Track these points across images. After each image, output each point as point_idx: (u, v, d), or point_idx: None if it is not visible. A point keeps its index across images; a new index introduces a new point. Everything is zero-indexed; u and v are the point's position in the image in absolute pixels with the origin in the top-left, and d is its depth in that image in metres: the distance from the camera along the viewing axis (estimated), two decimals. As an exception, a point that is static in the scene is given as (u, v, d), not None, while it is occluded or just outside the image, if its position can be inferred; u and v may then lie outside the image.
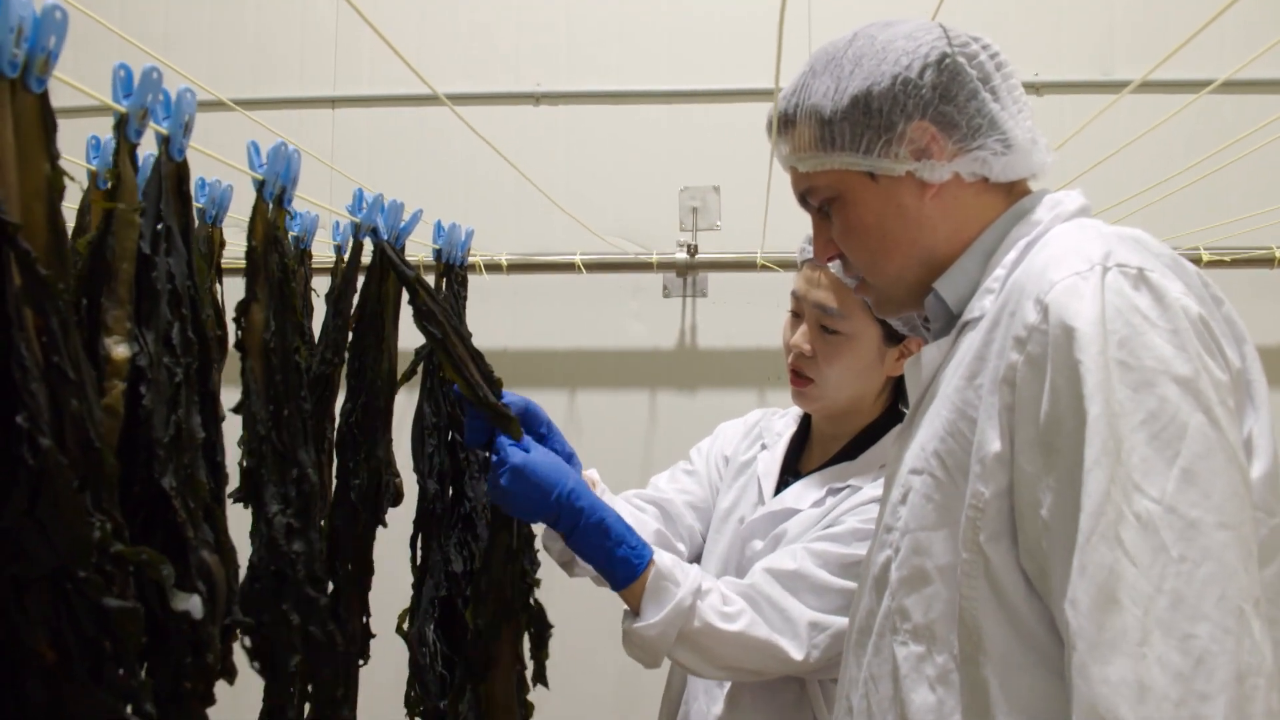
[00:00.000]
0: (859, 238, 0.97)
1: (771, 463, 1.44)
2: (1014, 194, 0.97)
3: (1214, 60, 2.30)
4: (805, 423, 1.47)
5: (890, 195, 0.94)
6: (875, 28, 0.96)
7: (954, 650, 0.86)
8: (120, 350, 0.73)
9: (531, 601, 1.26)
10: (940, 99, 0.92)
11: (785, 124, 0.99)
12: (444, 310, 1.16)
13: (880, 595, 0.94)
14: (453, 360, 1.16)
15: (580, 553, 1.20)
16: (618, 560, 1.17)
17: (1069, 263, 0.81)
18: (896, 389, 1.39)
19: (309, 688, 1.05)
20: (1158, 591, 0.71)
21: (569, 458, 1.27)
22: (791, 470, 1.44)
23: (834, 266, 1.29)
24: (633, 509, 1.44)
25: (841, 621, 1.18)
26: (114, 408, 0.72)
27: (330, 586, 1.12)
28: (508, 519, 1.21)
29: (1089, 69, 2.65)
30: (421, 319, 1.15)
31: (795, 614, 1.20)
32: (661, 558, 1.20)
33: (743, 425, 1.55)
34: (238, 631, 0.94)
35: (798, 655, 1.19)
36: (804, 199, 1.02)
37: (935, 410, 0.91)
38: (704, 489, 1.53)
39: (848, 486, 1.33)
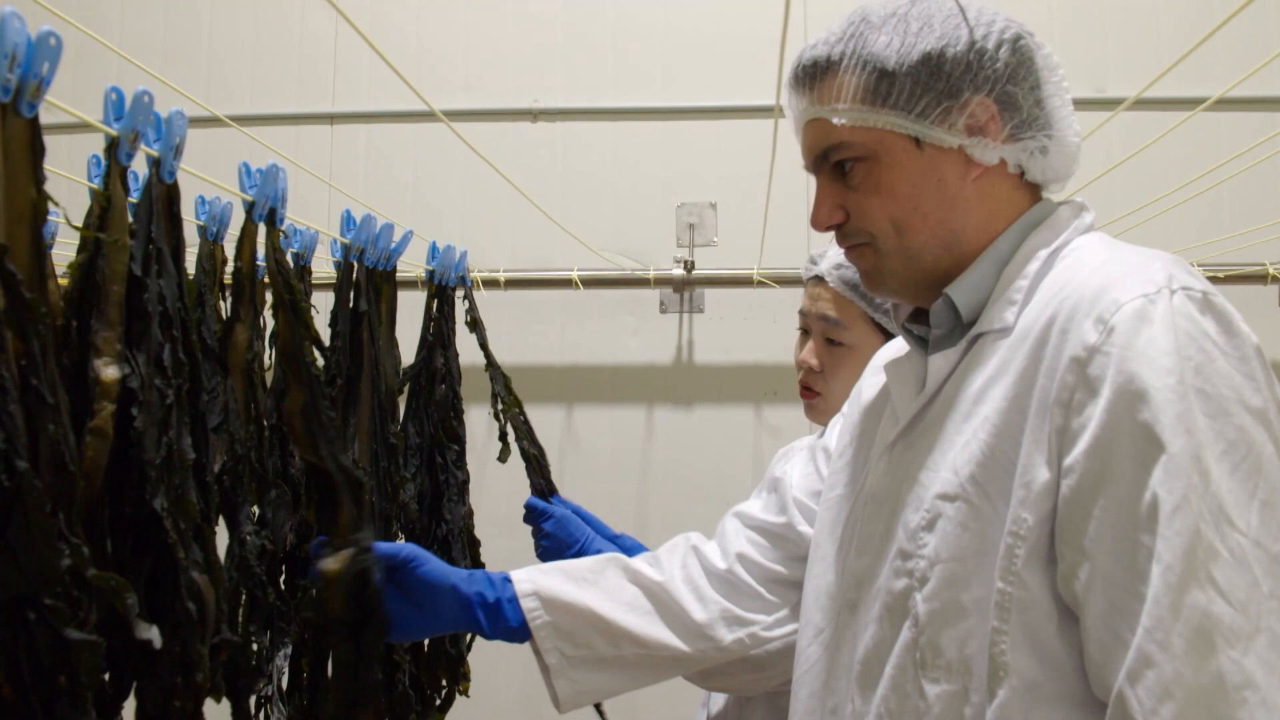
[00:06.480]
0: (887, 204, 0.90)
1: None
2: (1033, 200, 0.94)
3: (1207, 78, 2.30)
4: None
5: (933, 166, 0.89)
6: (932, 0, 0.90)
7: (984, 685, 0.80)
8: (110, 372, 0.72)
9: None
10: (1009, 79, 0.88)
11: (821, 72, 0.91)
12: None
13: (897, 626, 0.87)
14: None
15: None
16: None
17: (1132, 284, 0.77)
18: None
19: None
20: (1256, 631, 0.68)
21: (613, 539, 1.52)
22: None
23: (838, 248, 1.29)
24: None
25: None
26: (103, 429, 0.71)
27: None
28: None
29: (1082, 86, 2.66)
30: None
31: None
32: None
33: None
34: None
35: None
36: (822, 158, 0.93)
37: (967, 430, 0.85)
38: None
39: None
